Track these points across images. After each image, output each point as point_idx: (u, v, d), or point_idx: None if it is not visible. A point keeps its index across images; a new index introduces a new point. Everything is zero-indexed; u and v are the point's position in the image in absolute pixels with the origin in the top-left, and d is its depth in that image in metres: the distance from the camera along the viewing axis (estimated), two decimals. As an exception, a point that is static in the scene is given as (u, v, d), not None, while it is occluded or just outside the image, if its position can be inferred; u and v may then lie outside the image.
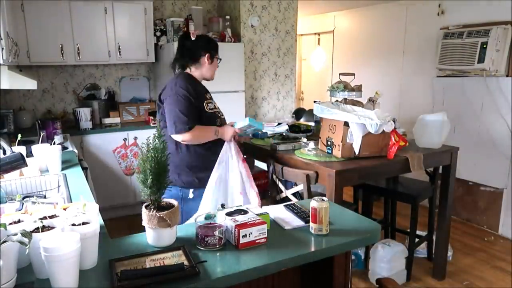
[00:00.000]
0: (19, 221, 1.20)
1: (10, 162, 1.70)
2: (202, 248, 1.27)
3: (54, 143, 2.27)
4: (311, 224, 1.40)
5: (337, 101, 2.95)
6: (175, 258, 1.19)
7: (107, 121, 4.07)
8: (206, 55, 2.24)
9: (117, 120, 4.11)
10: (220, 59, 2.35)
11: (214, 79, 2.33)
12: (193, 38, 2.27)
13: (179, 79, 2.20)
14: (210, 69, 2.28)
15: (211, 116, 2.21)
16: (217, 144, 2.21)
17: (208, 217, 1.35)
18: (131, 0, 3.91)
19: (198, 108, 2.16)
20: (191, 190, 2.19)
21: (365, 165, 2.36)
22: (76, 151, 2.83)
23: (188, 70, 2.28)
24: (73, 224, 1.18)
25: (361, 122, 2.30)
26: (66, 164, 2.36)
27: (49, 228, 1.15)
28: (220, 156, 2.18)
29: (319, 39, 6.21)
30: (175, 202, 1.32)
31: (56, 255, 1.01)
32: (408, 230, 2.99)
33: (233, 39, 4.13)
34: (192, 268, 1.12)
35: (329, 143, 2.51)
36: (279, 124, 4.11)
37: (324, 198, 1.42)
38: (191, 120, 2.09)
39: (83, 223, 1.19)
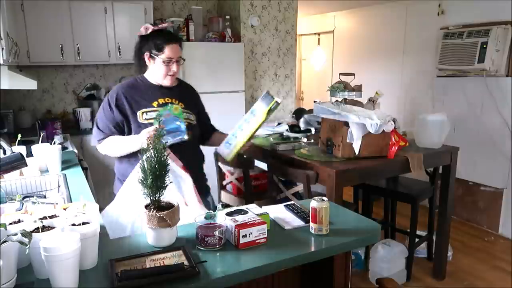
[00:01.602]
0: (19, 221, 1.19)
1: (10, 162, 1.70)
2: (202, 248, 1.27)
3: (54, 143, 2.27)
4: (311, 224, 1.40)
5: (337, 101, 2.96)
6: (175, 258, 1.19)
7: (107, 121, 4.07)
8: (147, 55, 1.96)
9: (117, 120, 4.10)
10: (169, 59, 1.92)
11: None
12: (143, 33, 1.96)
13: (118, 84, 2.07)
14: (157, 72, 1.96)
15: (143, 127, 1.87)
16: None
17: (208, 217, 1.35)
18: (131, 0, 3.91)
19: (124, 118, 1.93)
20: None
21: (365, 165, 2.36)
22: (76, 151, 2.83)
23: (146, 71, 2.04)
24: (73, 224, 1.18)
25: (361, 122, 2.30)
26: (66, 164, 2.35)
27: (49, 228, 1.15)
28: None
29: (319, 39, 6.21)
30: (175, 202, 1.32)
31: (56, 255, 1.01)
32: (408, 230, 2.99)
33: (233, 39, 4.13)
34: (192, 268, 1.12)
35: (329, 143, 2.51)
36: (279, 124, 4.11)
37: (324, 198, 1.42)
38: (102, 132, 1.95)
39: (83, 223, 1.19)
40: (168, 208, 1.27)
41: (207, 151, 4.02)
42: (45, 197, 1.85)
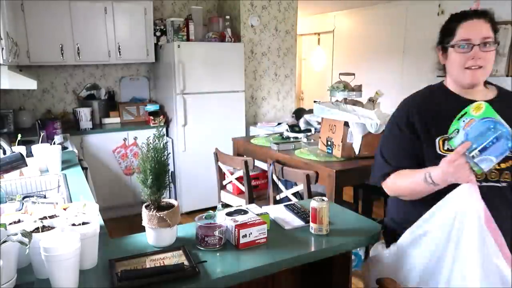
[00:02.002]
0: (19, 221, 1.19)
1: (10, 162, 1.70)
2: (202, 248, 1.27)
3: (54, 143, 2.27)
4: (311, 224, 1.40)
5: (337, 101, 2.95)
6: (175, 258, 1.19)
7: (107, 121, 4.07)
8: (438, 50, 1.47)
9: (117, 120, 4.11)
10: (464, 42, 1.39)
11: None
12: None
13: (408, 97, 1.53)
14: (452, 67, 1.40)
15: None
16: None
17: (208, 217, 1.35)
18: (131, 0, 3.91)
19: (421, 146, 1.37)
20: None
21: (365, 165, 2.35)
22: (76, 151, 2.83)
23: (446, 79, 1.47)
24: (73, 224, 1.18)
25: (361, 122, 2.30)
26: (66, 164, 2.35)
27: (49, 228, 1.15)
28: (445, 201, 1.25)
29: (319, 39, 6.21)
30: (175, 202, 1.32)
31: (56, 255, 1.01)
32: (408, 230, 2.99)
33: (233, 39, 4.13)
34: (192, 268, 1.12)
35: (329, 143, 2.51)
36: (279, 124, 4.11)
37: (324, 198, 1.42)
38: (391, 164, 1.44)
39: (83, 223, 1.19)
40: (168, 208, 1.27)
41: (207, 150, 3.99)
42: (45, 197, 1.85)
